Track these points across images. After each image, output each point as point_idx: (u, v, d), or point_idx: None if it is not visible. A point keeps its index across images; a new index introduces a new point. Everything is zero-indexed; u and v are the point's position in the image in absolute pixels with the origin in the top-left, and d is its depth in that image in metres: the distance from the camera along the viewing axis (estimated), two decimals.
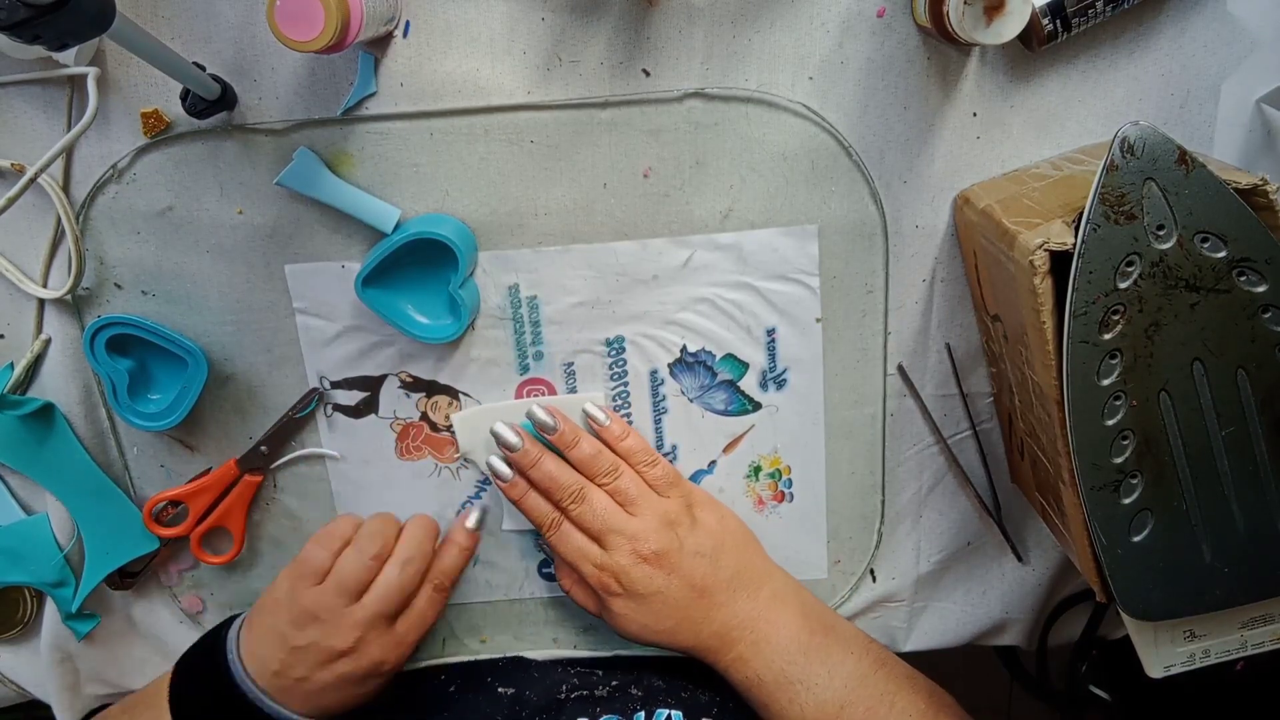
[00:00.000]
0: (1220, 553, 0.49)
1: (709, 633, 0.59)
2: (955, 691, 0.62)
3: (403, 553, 0.61)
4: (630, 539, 0.58)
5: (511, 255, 0.59)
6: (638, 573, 0.58)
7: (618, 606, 0.59)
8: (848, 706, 0.57)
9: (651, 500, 0.60)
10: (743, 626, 0.59)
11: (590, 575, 0.59)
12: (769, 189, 0.58)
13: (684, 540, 0.59)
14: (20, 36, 0.40)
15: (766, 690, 0.58)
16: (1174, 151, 0.44)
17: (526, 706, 0.60)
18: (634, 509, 0.59)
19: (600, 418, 0.61)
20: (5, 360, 0.61)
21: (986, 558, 0.67)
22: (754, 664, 0.58)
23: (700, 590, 0.58)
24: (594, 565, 0.58)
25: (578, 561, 0.59)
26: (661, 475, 0.61)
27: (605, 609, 0.60)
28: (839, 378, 0.62)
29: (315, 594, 0.58)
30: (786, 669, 0.58)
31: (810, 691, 0.57)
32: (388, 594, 0.59)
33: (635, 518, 0.59)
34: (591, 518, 0.58)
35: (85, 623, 0.65)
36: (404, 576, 0.60)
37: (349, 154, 0.57)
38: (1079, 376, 0.46)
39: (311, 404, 0.62)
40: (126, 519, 0.63)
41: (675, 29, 0.54)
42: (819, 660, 0.58)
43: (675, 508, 0.60)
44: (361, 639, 0.58)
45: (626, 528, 0.58)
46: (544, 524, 0.60)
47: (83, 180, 0.57)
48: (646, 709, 0.59)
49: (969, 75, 0.56)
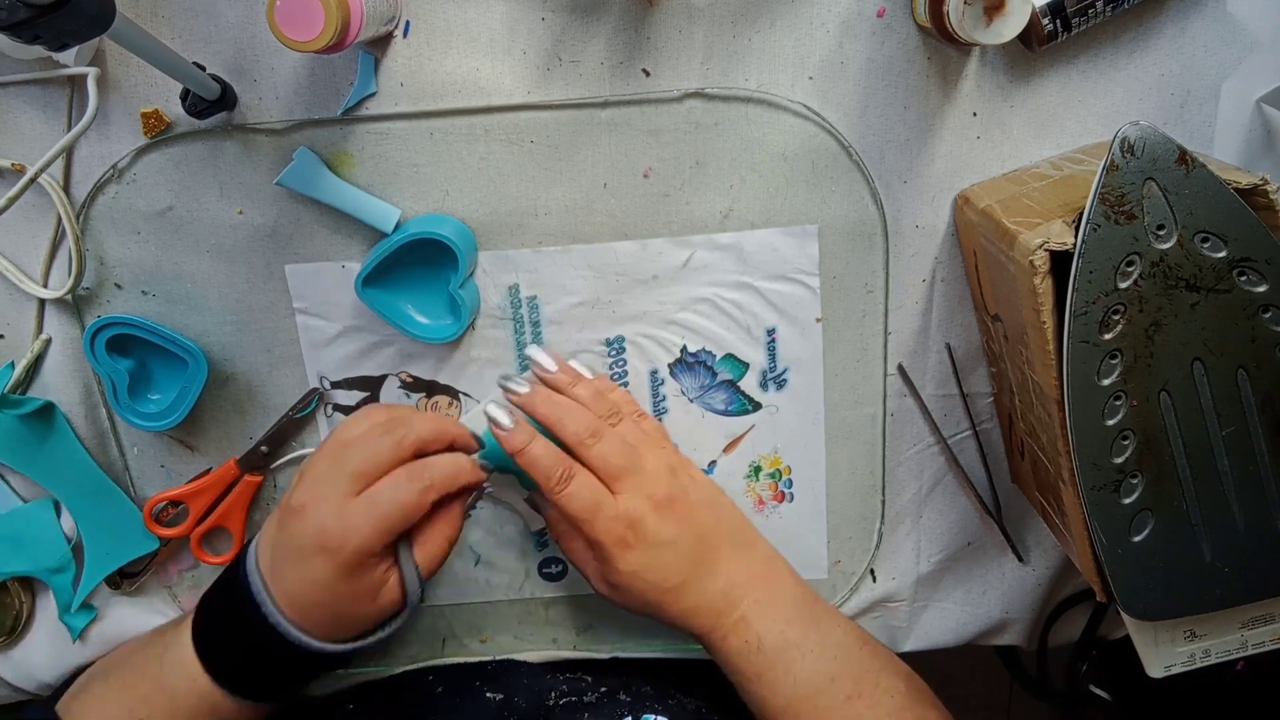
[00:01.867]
0: (1220, 553, 0.49)
1: (714, 590, 0.56)
2: (955, 691, 0.62)
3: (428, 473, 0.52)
4: (644, 482, 0.55)
5: (511, 255, 0.59)
6: (653, 519, 0.55)
7: (629, 561, 0.54)
8: (837, 679, 0.56)
9: (653, 446, 0.58)
10: (746, 584, 0.57)
11: (604, 529, 0.54)
12: (769, 189, 0.58)
13: (688, 489, 0.57)
14: (20, 36, 0.40)
15: (765, 656, 0.56)
16: (1174, 151, 0.44)
17: (514, 713, 0.59)
18: (639, 451, 0.56)
19: (585, 373, 0.60)
20: (5, 360, 0.61)
21: (986, 558, 0.67)
22: (756, 625, 0.56)
23: (707, 544, 0.57)
24: (609, 516, 0.54)
25: (592, 515, 0.53)
26: (653, 428, 0.60)
27: (612, 569, 0.55)
28: (839, 378, 0.62)
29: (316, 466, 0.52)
30: (787, 630, 0.56)
31: (805, 659, 0.56)
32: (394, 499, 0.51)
33: (645, 459, 0.56)
34: (611, 455, 0.55)
35: (82, 617, 0.65)
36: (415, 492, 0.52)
37: (349, 154, 0.57)
38: (1079, 376, 0.46)
39: (312, 404, 0.62)
40: (126, 519, 0.63)
41: (675, 29, 0.54)
42: (813, 625, 0.57)
43: (675, 456, 0.59)
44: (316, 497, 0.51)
45: (640, 467, 0.55)
46: (553, 476, 0.53)
47: (83, 180, 0.57)
48: (634, 714, 0.57)
49: (969, 75, 0.56)
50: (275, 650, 0.52)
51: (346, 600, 0.52)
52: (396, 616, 0.55)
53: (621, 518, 0.54)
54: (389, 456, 0.52)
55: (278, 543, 0.53)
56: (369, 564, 0.51)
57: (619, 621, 0.68)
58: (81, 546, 0.63)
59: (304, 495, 0.51)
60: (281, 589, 0.52)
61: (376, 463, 0.51)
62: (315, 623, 0.52)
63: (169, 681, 0.54)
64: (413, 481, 0.51)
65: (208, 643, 0.54)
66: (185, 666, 0.54)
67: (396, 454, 0.52)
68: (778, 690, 0.56)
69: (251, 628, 0.52)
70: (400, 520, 0.51)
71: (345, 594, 0.51)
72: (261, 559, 0.54)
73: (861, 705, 0.56)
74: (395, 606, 0.54)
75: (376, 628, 0.55)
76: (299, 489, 0.52)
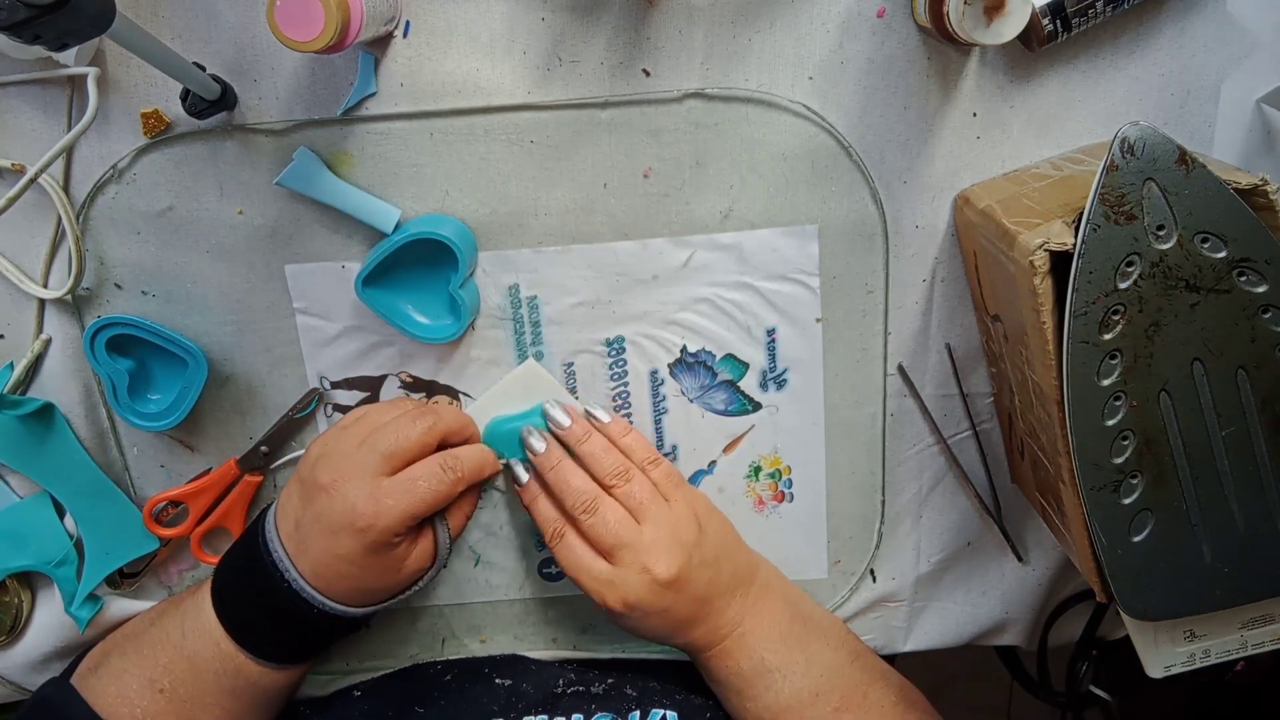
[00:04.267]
0: (1220, 553, 0.49)
1: (698, 634, 0.58)
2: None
3: (459, 465, 0.56)
4: (642, 555, 0.56)
5: (511, 255, 0.59)
6: (648, 599, 0.56)
7: (618, 620, 0.57)
8: (822, 695, 0.58)
9: (661, 509, 0.58)
10: (731, 624, 0.59)
11: (592, 591, 0.56)
12: (769, 189, 0.58)
13: (692, 554, 0.57)
14: (20, 36, 0.40)
15: (744, 678, 0.58)
16: (1174, 151, 0.44)
17: (523, 699, 0.60)
18: (644, 517, 0.57)
19: (602, 416, 0.61)
20: (5, 360, 0.61)
21: (986, 558, 0.67)
22: (735, 655, 0.58)
23: (702, 601, 0.58)
24: (597, 581, 0.56)
25: (578, 576, 0.57)
26: (664, 476, 0.60)
27: (600, 612, 0.58)
28: (839, 378, 0.62)
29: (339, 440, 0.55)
30: (766, 658, 0.58)
31: (787, 680, 0.58)
32: (429, 481, 0.54)
33: (646, 529, 0.57)
34: (604, 530, 0.56)
35: (88, 608, 0.64)
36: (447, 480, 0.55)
37: (349, 154, 0.57)
38: (1079, 376, 0.46)
39: (312, 404, 0.62)
40: (126, 519, 0.63)
41: (675, 29, 0.54)
42: (798, 649, 0.59)
43: (684, 517, 0.58)
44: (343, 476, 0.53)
45: (639, 541, 0.56)
46: (547, 531, 0.58)
47: (83, 180, 0.57)
48: (642, 709, 0.58)
49: (969, 75, 0.56)
50: (301, 615, 0.55)
51: (373, 573, 0.54)
52: (420, 579, 0.58)
53: (613, 593, 0.56)
54: (419, 442, 0.55)
55: (303, 517, 0.54)
56: (395, 542, 0.54)
57: None
58: (82, 544, 0.63)
59: (331, 472, 0.53)
60: (307, 561, 0.54)
61: (407, 447, 0.54)
62: (341, 593, 0.55)
63: (191, 648, 0.56)
64: (447, 472, 0.55)
65: (230, 609, 0.56)
66: (209, 632, 0.55)
67: (425, 441, 0.55)
68: (762, 704, 0.58)
69: (275, 594, 0.54)
70: (431, 506, 0.54)
71: (372, 567, 0.54)
72: (283, 528, 0.55)
73: (848, 718, 0.58)
74: (418, 575, 0.57)
75: (400, 591, 0.58)
76: (323, 466, 0.54)
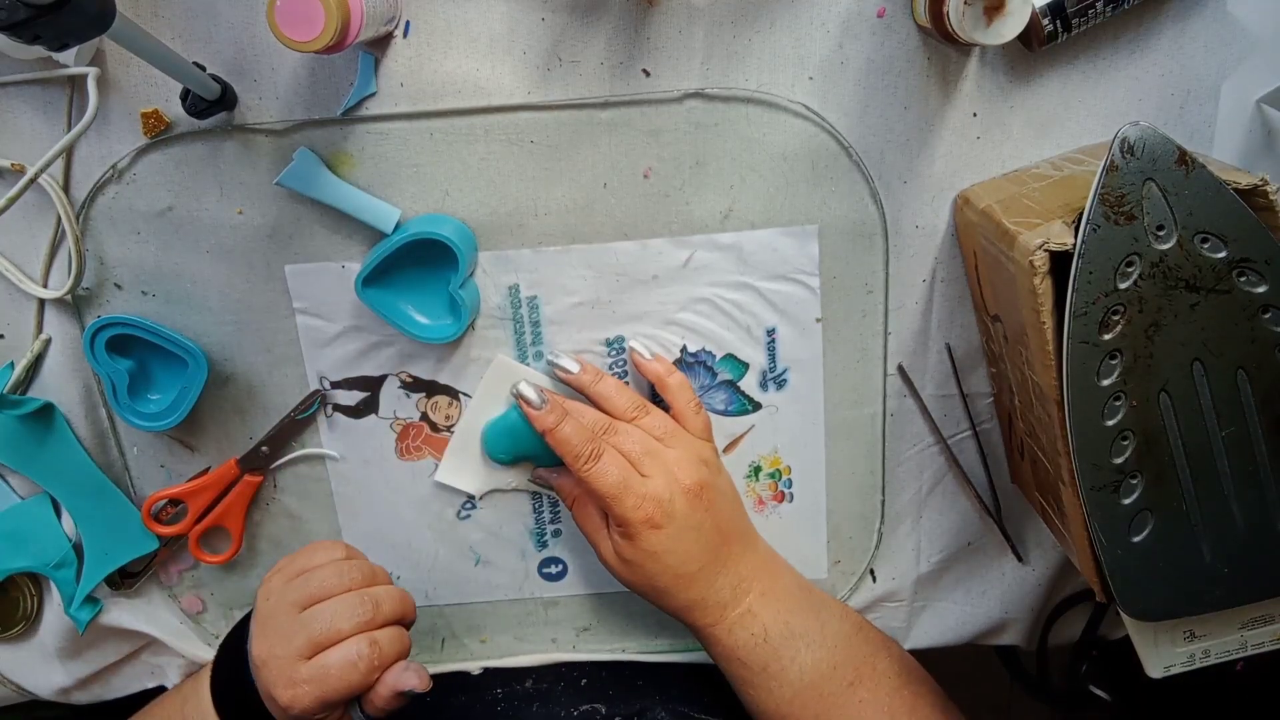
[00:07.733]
0: (1220, 553, 0.49)
1: (722, 584, 0.57)
2: (955, 692, 0.62)
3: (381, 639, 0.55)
4: (670, 466, 0.56)
5: (511, 255, 0.59)
6: (681, 502, 0.55)
7: (653, 540, 0.55)
8: (838, 667, 0.58)
9: (684, 435, 0.58)
10: (753, 576, 0.58)
11: (632, 507, 0.54)
12: (769, 189, 0.58)
13: (714, 479, 0.58)
14: (20, 36, 0.40)
15: (771, 647, 0.57)
16: (1174, 152, 0.44)
17: None
18: (667, 442, 0.57)
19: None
20: (5, 360, 0.61)
21: (986, 558, 0.67)
22: (762, 616, 0.57)
23: (725, 535, 0.58)
24: (638, 495, 0.54)
25: (620, 493, 0.54)
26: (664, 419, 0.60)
27: (634, 546, 0.56)
28: (839, 378, 0.62)
29: None
30: (790, 620, 0.58)
31: (809, 648, 0.57)
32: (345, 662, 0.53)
33: (670, 448, 0.57)
34: (630, 443, 0.56)
35: (87, 610, 0.65)
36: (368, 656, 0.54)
37: (349, 154, 0.57)
38: (1079, 377, 0.46)
39: (313, 406, 0.62)
40: (126, 519, 0.63)
41: (675, 29, 0.54)
42: (814, 615, 0.59)
43: (705, 448, 0.59)
44: None
45: (665, 454, 0.57)
46: (582, 455, 0.55)
47: (83, 180, 0.57)
48: None
49: (969, 75, 0.56)
50: None
51: None
52: None
53: (650, 497, 0.55)
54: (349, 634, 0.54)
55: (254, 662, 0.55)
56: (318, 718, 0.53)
57: (619, 622, 0.68)
58: (81, 547, 0.63)
59: (265, 642, 0.54)
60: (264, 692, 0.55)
61: (333, 637, 0.53)
62: None
63: None
64: (360, 661, 0.53)
65: (222, 697, 0.57)
66: (204, 716, 0.57)
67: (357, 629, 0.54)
68: (784, 681, 0.57)
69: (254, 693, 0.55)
70: (344, 696, 0.53)
71: None
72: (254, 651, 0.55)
73: (863, 691, 0.58)
74: None
75: None
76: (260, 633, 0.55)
